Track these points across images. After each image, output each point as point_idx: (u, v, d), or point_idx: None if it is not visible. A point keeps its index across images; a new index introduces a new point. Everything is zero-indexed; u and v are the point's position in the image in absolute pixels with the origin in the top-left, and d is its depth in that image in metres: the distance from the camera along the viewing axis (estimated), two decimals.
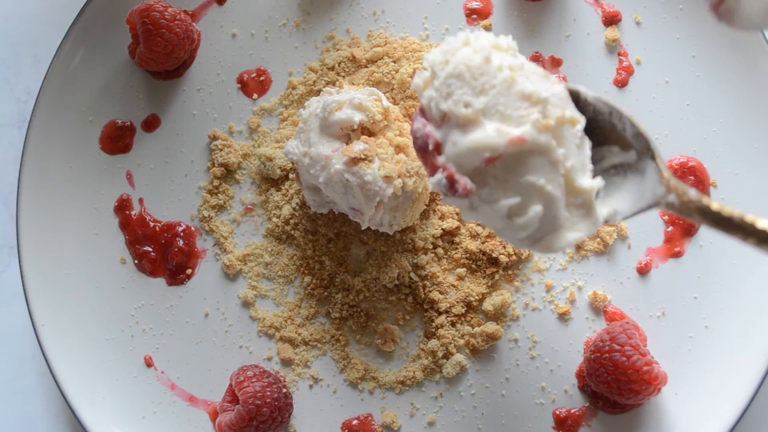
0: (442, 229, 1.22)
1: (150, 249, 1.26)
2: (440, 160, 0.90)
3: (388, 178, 1.07)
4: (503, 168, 0.89)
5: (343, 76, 1.26)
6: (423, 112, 0.93)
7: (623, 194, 0.95)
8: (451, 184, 0.90)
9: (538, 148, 0.88)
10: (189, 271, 1.25)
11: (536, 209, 0.90)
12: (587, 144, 0.95)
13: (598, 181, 0.93)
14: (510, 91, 0.89)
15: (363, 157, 1.05)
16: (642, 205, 0.91)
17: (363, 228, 1.15)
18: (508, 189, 0.90)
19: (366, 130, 1.09)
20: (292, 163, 1.21)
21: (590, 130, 0.96)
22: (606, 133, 0.97)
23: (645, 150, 0.93)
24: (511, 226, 0.91)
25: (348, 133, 1.09)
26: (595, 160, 0.96)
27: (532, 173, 0.89)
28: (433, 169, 0.92)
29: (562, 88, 0.95)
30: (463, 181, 0.90)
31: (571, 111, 0.94)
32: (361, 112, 1.07)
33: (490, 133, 0.87)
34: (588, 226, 0.93)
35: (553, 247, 0.93)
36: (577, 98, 0.97)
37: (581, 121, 0.94)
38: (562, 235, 0.92)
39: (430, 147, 0.91)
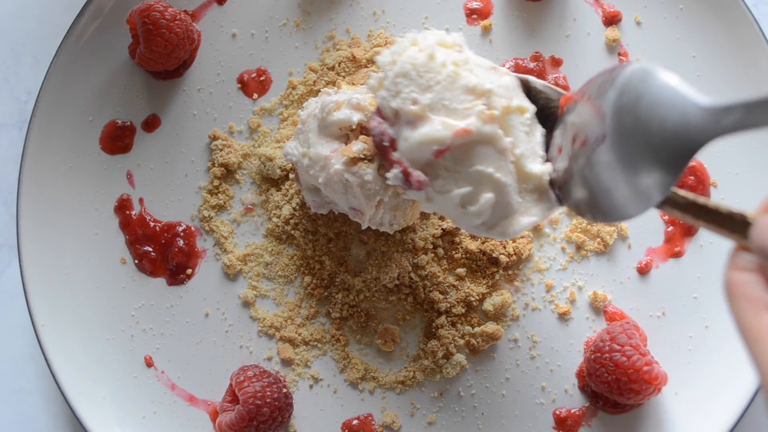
0: (442, 229, 1.22)
1: (150, 249, 1.26)
2: (395, 155, 0.95)
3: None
4: (453, 159, 0.94)
5: (343, 76, 1.26)
6: (379, 111, 0.97)
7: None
8: (406, 177, 0.95)
9: (484, 138, 0.93)
10: (189, 271, 1.25)
11: (487, 197, 0.93)
12: (538, 131, 0.98)
13: (548, 166, 0.96)
14: (454, 86, 0.93)
15: (362, 156, 1.05)
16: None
17: (363, 228, 1.15)
18: (460, 179, 0.94)
19: (365, 130, 1.09)
20: (292, 164, 1.21)
21: (545, 117, 0.99)
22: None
23: None
24: (466, 214, 0.95)
25: (347, 133, 1.09)
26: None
27: (480, 162, 0.93)
28: (390, 165, 0.96)
29: (511, 79, 0.99)
30: (416, 175, 0.94)
31: (519, 100, 0.97)
32: (360, 112, 1.07)
33: (437, 127, 0.92)
34: (542, 209, 0.97)
35: (507, 232, 0.96)
36: (528, 88, 1.01)
37: (530, 109, 0.97)
38: (516, 220, 0.96)
39: (386, 143, 0.96)
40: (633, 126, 0.81)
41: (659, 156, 0.78)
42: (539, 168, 0.96)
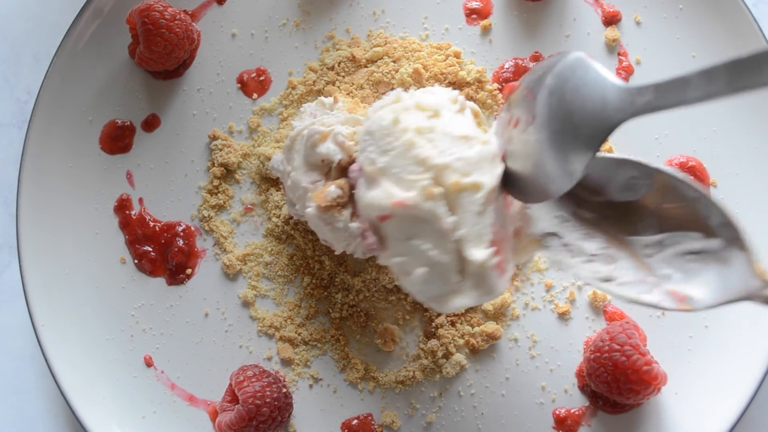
0: None
1: (150, 249, 1.26)
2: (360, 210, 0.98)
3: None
4: (397, 227, 0.93)
5: (343, 76, 1.26)
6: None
7: (703, 282, 0.88)
8: (362, 233, 0.97)
9: (423, 214, 0.91)
10: (189, 271, 1.25)
11: (419, 272, 0.93)
12: (490, 212, 0.93)
13: (489, 252, 0.92)
14: (407, 155, 0.92)
15: (335, 204, 1.05)
16: (730, 296, 0.86)
17: (337, 254, 1.16)
18: (396, 248, 0.94)
19: (346, 164, 1.08)
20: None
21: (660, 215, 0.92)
22: (685, 217, 0.90)
23: (733, 240, 0.86)
24: (405, 282, 0.96)
25: (329, 165, 1.08)
26: (668, 243, 0.92)
27: (418, 237, 0.92)
28: (357, 215, 1.00)
29: (482, 150, 0.94)
30: (370, 240, 0.96)
31: (478, 176, 0.92)
32: (343, 152, 1.06)
33: (380, 194, 0.92)
34: (479, 295, 0.95)
35: (443, 308, 0.96)
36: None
37: (485, 187, 0.92)
38: (451, 299, 0.95)
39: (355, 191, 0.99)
40: (558, 106, 0.84)
41: (580, 133, 0.82)
42: (479, 254, 0.92)
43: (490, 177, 0.93)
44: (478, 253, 0.92)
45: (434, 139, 0.93)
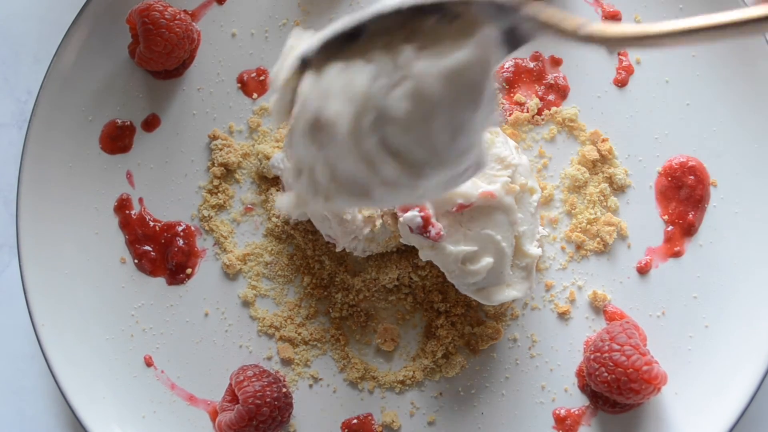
0: None
1: (150, 249, 1.26)
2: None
3: (369, 219, 1.09)
4: (470, 217, 1.01)
5: None
6: None
7: None
8: (426, 225, 1.00)
9: (502, 207, 1.02)
10: (189, 270, 1.25)
11: (488, 260, 1.01)
12: (539, 216, 1.10)
13: (540, 250, 1.07)
14: (488, 152, 1.02)
15: None
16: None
17: (337, 251, 1.16)
18: (469, 237, 1.02)
19: None
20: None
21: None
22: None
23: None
24: (463, 271, 1.02)
25: None
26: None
27: (492, 227, 1.01)
28: (405, 207, 1.02)
29: (526, 160, 1.10)
30: (439, 227, 1.01)
31: (533, 182, 1.08)
32: None
33: (467, 184, 0.97)
34: (525, 288, 1.07)
35: (492, 299, 1.05)
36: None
37: (538, 192, 1.08)
38: (503, 290, 1.05)
39: None
40: None
41: None
42: (534, 250, 1.07)
43: (537, 185, 1.09)
44: (534, 249, 1.07)
45: (504, 142, 1.05)
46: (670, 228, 1.22)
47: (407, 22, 0.74)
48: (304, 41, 0.78)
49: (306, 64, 0.77)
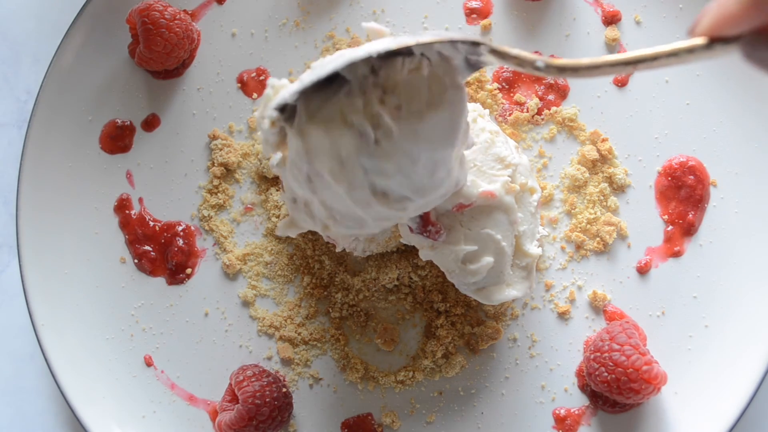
0: None
1: (150, 248, 1.26)
2: None
3: None
4: (470, 217, 1.01)
5: None
6: None
7: None
8: (425, 224, 1.01)
9: (502, 206, 1.02)
10: (189, 270, 1.25)
11: (488, 260, 1.01)
12: (539, 216, 1.11)
13: (540, 250, 1.08)
14: (488, 151, 1.03)
15: None
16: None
17: (337, 251, 1.16)
18: (469, 237, 1.02)
19: None
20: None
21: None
22: None
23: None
24: (463, 271, 1.02)
25: None
26: None
27: (492, 227, 1.01)
28: None
29: (526, 160, 1.11)
30: (439, 226, 1.01)
31: (533, 182, 1.09)
32: None
33: (467, 184, 0.99)
34: (525, 288, 1.07)
35: (492, 298, 1.05)
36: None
37: (538, 192, 1.09)
38: (504, 290, 1.05)
39: None
40: None
41: None
42: (534, 250, 1.07)
43: (537, 185, 1.10)
44: (533, 248, 1.07)
45: (504, 141, 1.05)
46: (670, 228, 1.23)
47: (378, 67, 0.83)
48: (283, 90, 0.85)
49: (284, 110, 0.85)
